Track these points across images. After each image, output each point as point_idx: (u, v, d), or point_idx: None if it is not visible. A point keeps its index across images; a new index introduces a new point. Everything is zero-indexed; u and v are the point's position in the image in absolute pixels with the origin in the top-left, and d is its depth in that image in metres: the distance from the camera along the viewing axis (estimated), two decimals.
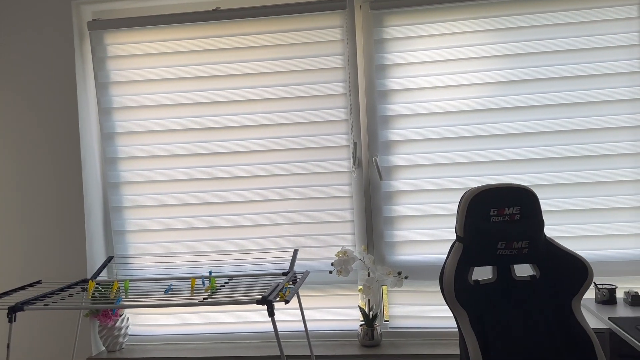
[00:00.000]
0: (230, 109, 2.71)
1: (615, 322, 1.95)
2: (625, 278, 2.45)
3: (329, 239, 2.69)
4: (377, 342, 2.59)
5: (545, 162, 2.54)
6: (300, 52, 2.66)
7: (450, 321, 2.64)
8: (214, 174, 2.74)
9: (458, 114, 2.59)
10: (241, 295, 2.09)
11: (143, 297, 2.23)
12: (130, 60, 2.75)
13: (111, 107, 2.78)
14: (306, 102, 2.67)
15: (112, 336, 2.73)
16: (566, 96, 2.52)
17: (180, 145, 2.75)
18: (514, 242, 1.80)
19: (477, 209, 1.82)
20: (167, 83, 2.74)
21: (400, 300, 2.69)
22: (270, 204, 2.72)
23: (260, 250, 2.71)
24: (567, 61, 2.51)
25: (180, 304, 2.02)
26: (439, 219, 2.62)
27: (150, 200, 2.79)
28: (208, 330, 2.81)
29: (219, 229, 2.75)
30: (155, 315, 2.84)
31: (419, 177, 2.63)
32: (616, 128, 2.50)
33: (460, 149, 2.59)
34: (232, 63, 2.69)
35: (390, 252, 2.67)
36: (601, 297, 2.24)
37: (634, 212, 2.49)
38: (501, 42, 2.55)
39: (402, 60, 2.61)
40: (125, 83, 2.76)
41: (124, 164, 2.79)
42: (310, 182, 2.68)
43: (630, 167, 2.49)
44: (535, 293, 1.86)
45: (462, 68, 2.58)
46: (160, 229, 2.79)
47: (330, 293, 2.72)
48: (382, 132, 2.65)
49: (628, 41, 2.48)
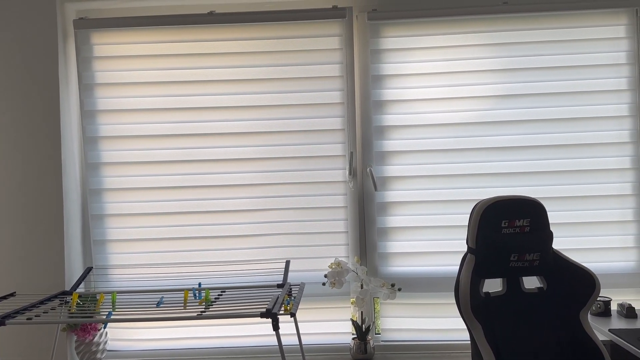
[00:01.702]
0: (222, 115, 2.63)
1: (617, 334, 1.98)
2: (615, 290, 2.51)
3: (321, 250, 2.64)
4: (370, 355, 2.55)
5: (536, 176, 2.58)
6: (297, 59, 2.61)
7: (444, 334, 2.63)
8: (203, 182, 2.65)
9: (453, 126, 2.60)
10: (242, 308, 2.00)
11: (133, 311, 2.11)
12: (117, 61, 2.64)
13: (95, 110, 2.65)
14: (301, 110, 2.62)
15: (90, 352, 2.57)
16: (557, 111, 2.58)
17: (168, 151, 2.65)
18: (526, 254, 1.81)
19: (489, 220, 1.82)
20: (156, 86, 2.64)
21: (392, 313, 2.66)
22: (261, 213, 2.64)
23: (251, 262, 2.63)
24: (559, 77, 2.58)
25: (180, 317, 1.93)
26: (433, 230, 2.61)
27: (134, 209, 2.66)
28: (192, 345, 2.68)
29: (208, 239, 2.65)
30: (137, 330, 2.70)
31: (413, 188, 2.62)
32: (603, 144, 2.57)
33: (454, 161, 2.60)
34: (225, 68, 2.62)
35: (384, 264, 2.64)
36: (596, 309, 2.28)
37: (623, 225, 2.56)
38: (497, 57, 2.59)
39: (398, 72, 2.61)
40: (111, 85, 2.64)
41: (107, 169, 2.66)
42: (304, 191, 2.63)
43: (618, 182, 2.57)
44: (544, 305, 1.86)
45: (458, 81, 2.60)
46: (143, 238, 2.66)
47: (321, 306, 2.65)
48: (377, 142, 2.63)
49: (616, 60, 2.56)
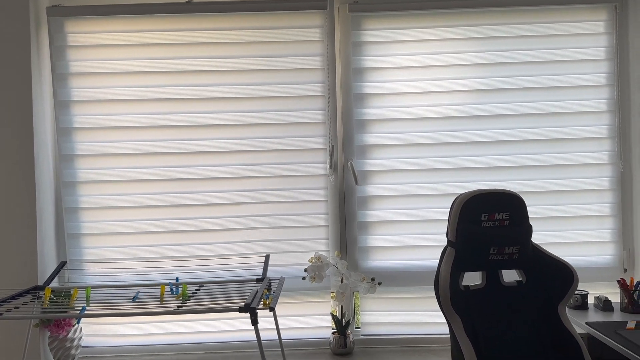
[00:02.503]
0: (201, 106, 2.58)
1: (594, 327, 2.00)
2: (592, 284, 2.53)
3: (302, 244, 2.61)
4: (350, 349, 2.54)
5: (515, 170, 2.59)
6: (278, 50, 2.58)
7: (423, 328, 2.63)
8: (182, 175, 2.60)
9: (433, 120, 2.60)
10: (220, 303, 1.97)
11: (108, 306, 2.06)
12: (92, 50, 2.57)
13: (69, 100, 2.58)
14: (281, 102, 2.59)
15: (64, 348, 2.51)
16: (536, 106, 2.59)
17: (144, 143, 2.59)
18: (505, 247, 1.81)
19: (469, 214, 1.82)
20: (132, 77, 2.58)
21: (372, 307, 2.65)
22: (240, 207, 2.61)
23: (230, 256, 2.60)
24: (539, 72, 2.58)
25: (156, 312, 1.89)
26: (413, 224, 2.61)
27: (109, 202, 2.60)
28: (169, 341, 2.64)
29: (185, 233, 2.61)
30: (112, 325, 2.64)
31: (394, 182, 2.61)
32: (582, 139, 2.59)
33: (435, 155, 2.60)
34: (204, 59, 2.57)
35: (364, 258, 2.63)
36: (574, 302, 2.30)
37: (600, 219, 2.59)
38: (477, 51, 2.58)
39: (379, 65, 2.59)
40: (85, 75, 2.57)
41: (82, 161, 2.60)
42: (284, 185, 2.60)
43: (596, 176, 2.59)
44: (522, 298, 1.87)
45: (439, 75, 2.59)
46: (119, 232, 2.61)
47: (302, 300, 2.63)
48: (358, 135, 2.61)
49: (595, 55, 2.58)
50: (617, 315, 2.20)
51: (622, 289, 2.28)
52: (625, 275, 2.56)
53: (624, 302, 2.27)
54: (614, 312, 2.25)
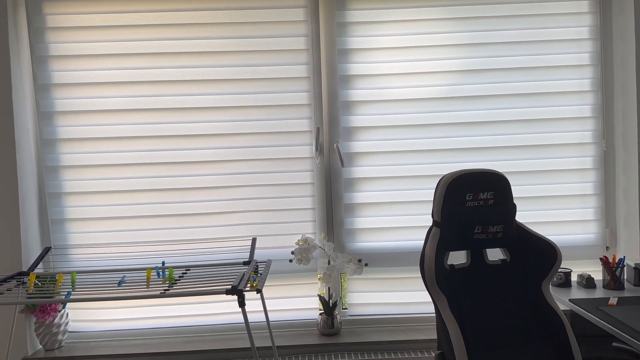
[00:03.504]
0: (185, 88, 2.55)
1: (577, 303, 2.03)
2: (576, 262, 2.57)
3: (288, 227, 2.61)
4: (337, 330, 2.56)
5: (500, 151, 2.60)
6: (261, 31, 2.55)
7: (409, 307, 2.65)
8: (167, 158, 2.58)
9: (418, 101, 2.59)
10: (207, 286, 1.97)
11: (94, 290, 2.05)
12: (72, 32, 2.52)
13: (49, 84, 2.53)
14: (266, 84, 2.57)
15: (50, 333, 2.51)
16: (520, 86, 2.59)
17: (128, 126, 2.56)
18: (489, 226, 1.83)
19: (453, 194, 1.82)
20: (114, 59, 2.54)
21: (359, 288, 2.66)
22: (226, 190, 2.60)
23: (217, 240, 2.59)
24: (522, 52, 2.58)
25: (141, 295, 1.88)
26: (399, 206, 2.61)
27: (94, 186, 2.57)
28: (157, 325, 2.64)
29: (171, 217, 2.59)
30: (99, 310, 2.63)
31: (379, 164, 2.61)
32: (566, 119, 2.60)
33: (420, 136, 2.60)
34: (187, 40, 2.54)
35: (351, 240, 2.64)
36: (557, 280, 2.34)
37: (583, 198, 2.62)
38: (462, 31, 2.57)
39: (364, 45, 2.58)
40: (66, 57, 2.53)
41: (64, 146, 2.56)
42: (270, 168, 2.59)
43: (579, 156, 2.61)
44: (507, 276, 1.89)
45: (423, 55, 2.58)
46: (104, 217, 2.59)
47: (289, 282, 2.64)
48: (344, 117, 2.60)
49: (579, 35, 2.58)
50: (600, 292, 2.24)
51: (604, 267, 2.31)
52: (608, 253, 2.60)
53: (606, 279, 2.30)
54: (597, 289, 2.29)
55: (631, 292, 2.20)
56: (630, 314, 1.85)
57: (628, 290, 2.24)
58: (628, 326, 1.73)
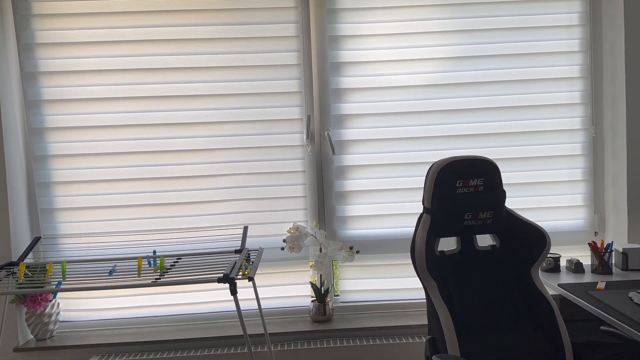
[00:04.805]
0: (175, 76, 2.53)
1: (565, 288, 2.05)
2: (565, 247, 2.59)
3: (280, 215, 2.61)
4: (329, 317, 2.58)
5: (490, 137, 2.61)
6: (251, 18, 2.52)
7: (400, 294, 2.67)
8: (156, 147, 2.56)
9: (410, 88, 2.59)
10: (198, 274, 1.97)
11: (85, 280, 2.04)
12: (59, 19, 2.49)
13: (37, 72, 2.50)
14: (256, 71, 2.55)
15: (42, 323, 2.50)
16: (510, 73, 2.59)
17: (118, 114, 2.54)
18: (479, 212, 1.84)
19: (444, 180, 1.83)
20: (102, 46, 2.51)
21: (350, 275, 2.68)
22: (217, 179, 2.59)
23: (208, 228, 2.58)
24: (513, 39, 2.58)
25: (133, 284, 1.88)
26: (390, 193, 2.62)
27: (83, 175, 2.55)
28: (149, 314, 2.64)
29: (162, 206, 2.58)
30: (90, 300, 2.62)
31: (371, 151, 2.61)
32: (555, 105, 2.61)
33: (411, 123, 2.60)
34: (176, 27, 2.51)
35: (342, 227, 2.64)
36: (547, 265, 2.36)
37: (572, 184, 2.64)
38: (454, 18, 2.57)
39: (355, 32, 2.56)
40: (53, 45, 2.49)
41: (52, 134, 2.54)
42: (261, 156, 2.58)
43: (568, 142, 2.63)
44: (496, 262, 1.91)
45: (414, 42, 2.57)
46: (94, 206, 2.57)
47: (280, 270, 2.65)
48: (335, 105, 2.59)
49: (569, 21, 2.59)
50: (588, 276, 2.27)
51: (593, 252, 2.34)
52: (596, 238, 2.63)
53: (594, 264, 2.33)
54: (585, 273, 2.32)
55: (619, 277, 2.23)
56: (618, 298, 1.87)
57: (616, 275, 2.27)
58: (615, 310, 1.76)
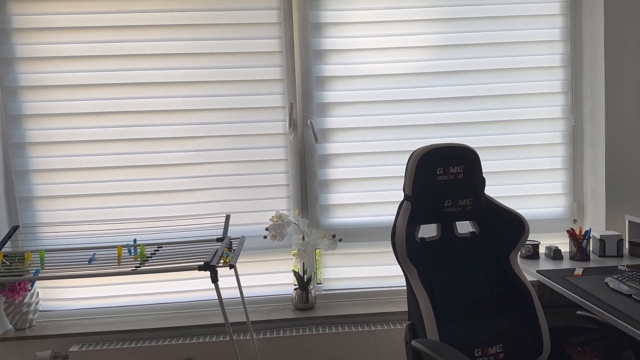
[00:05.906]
0: (154, 62, 2.50)
1: (543, 274, 2.08)
2: (545, 235, 2.63)
3: (262, 204, 2.61)
4: (312, 304, 2.59)
5: (471, 126, 2.63)
6: (232, 3, 2.50)
7: (381, 281, 2.69)
8: (138, 135, 2.53)
9: (392, 76, 2.59)
10: (178, 262, 1.96)
11: (63, 268, 2.02)
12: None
13: (13, 58, 2.45)
14: (238, 58, 2.53)
15: (21, 313, 2.48)
16: (491, 62, 2.60)
17: (96, 102, 2.50)
18: (459, 199, 1.85)
19: (424, 168, 1.84)
20: (79, 32, 2.47)
21: (333, 263, 2.68)
22: (199, 167, 2.57)
23: (190, 217, 2.57)
24: (493, 28, 2.59)
25: (112, 272, 1.86)
26: (372, 181, 2.63)
27: (62, 163, 2.52)
28: (130, 302, 2.62)
29: (143, 194, 2.56)
30: (70, 289, 2.60)
31: (353, 140, 2.61)
32: (536, 94, 2.63)
33: (392, 112, 2.60)
34: (155, 12, 2.47)
35: (325, 216, 2.65)
36: (526, 252, 2.39)
37: (552, 173, 2.67)
38: (437, 6, 2.56)
39: (338, 20, 2.55)
40: (29, 30, 2.45)
41: (30, 122, 2.49)
42: (243, 144, 2.57)
43: (548, 131, 2.65)
44: (476, 248, 1.93)
45: (398, 30, 2.57)
46: (73, 194, 2.54)
47: (263, 258, 2.65)
48: (317, 93, 2.58)
49: (551, 11, 2.60)
50: (567, 263, 2.30)
51: (571, 239, 2.37)
52: (575, 225, 2.67)
53: (573, 251, 2.36)
54: (564, 260, 2.35)
55: (596, 263, 2.27)
56: (594, 284, 1.90)
57: (593, 261, 2.30)
58: (592, 295, 1.79)
